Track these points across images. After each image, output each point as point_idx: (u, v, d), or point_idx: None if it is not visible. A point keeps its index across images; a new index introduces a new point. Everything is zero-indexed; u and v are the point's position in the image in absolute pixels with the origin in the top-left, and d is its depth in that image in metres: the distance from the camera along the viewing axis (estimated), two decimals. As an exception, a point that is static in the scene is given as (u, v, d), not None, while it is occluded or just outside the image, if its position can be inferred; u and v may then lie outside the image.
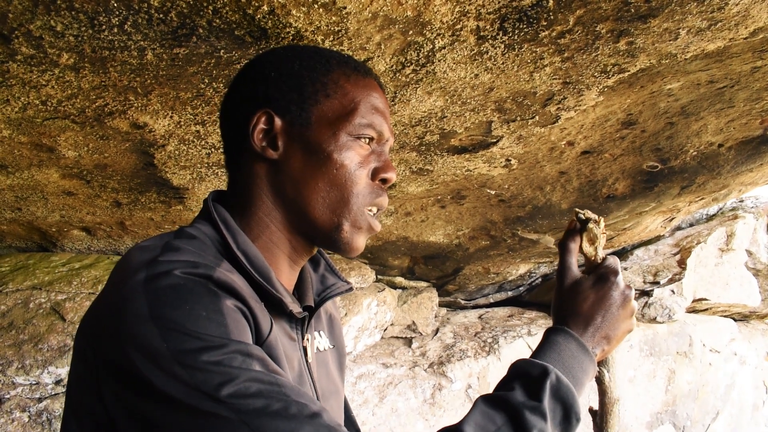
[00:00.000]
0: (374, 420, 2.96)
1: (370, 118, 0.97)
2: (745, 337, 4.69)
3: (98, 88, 1.52)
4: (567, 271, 1.06)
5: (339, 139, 0.95)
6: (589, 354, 0.98)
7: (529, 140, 2.14)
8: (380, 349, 3.34)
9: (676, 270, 3.88)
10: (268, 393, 0.74)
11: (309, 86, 0.96)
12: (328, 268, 1.14)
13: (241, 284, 0.84)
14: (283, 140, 0.96)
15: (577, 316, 1.01)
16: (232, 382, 0.73)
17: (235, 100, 1.00)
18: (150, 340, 0.74)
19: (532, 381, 0.89)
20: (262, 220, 0.97)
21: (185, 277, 0.78)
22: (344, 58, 1.01)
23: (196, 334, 0.75)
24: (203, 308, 0.77)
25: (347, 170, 0.95)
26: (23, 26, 1.26)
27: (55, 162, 1.93)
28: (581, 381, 0.95)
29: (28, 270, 2.61)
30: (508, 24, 1.45)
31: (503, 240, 3.15)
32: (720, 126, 2.32)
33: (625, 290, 1.03)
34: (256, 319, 0.84)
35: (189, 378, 0.73)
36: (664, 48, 1.64)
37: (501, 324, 3.67)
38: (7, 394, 2.27)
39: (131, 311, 0.76)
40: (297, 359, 0.97)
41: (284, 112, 0.96)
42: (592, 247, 1.08)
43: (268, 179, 0.97)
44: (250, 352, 0.77)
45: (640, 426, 3.92)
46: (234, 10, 1.26)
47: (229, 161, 1.02)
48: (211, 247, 0.90)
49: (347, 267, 3.22)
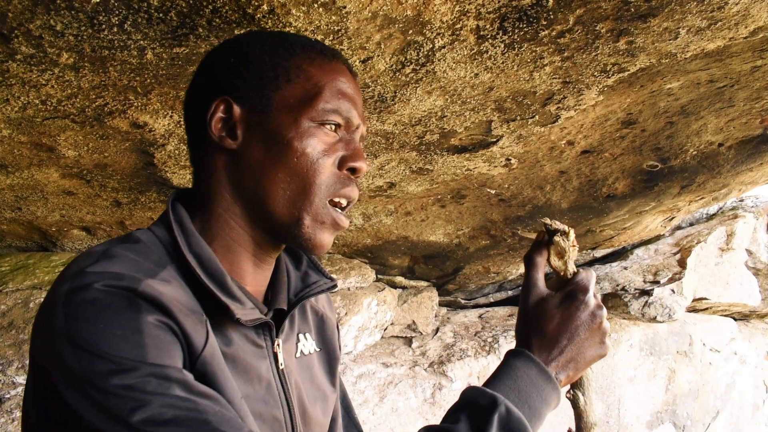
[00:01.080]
0: (374, 419, 2.96)
1: (336, 103, 0.91)
2: (746, 336, 4.69)
3: (98, 87, 1.52)
4: (532, 288, 0.97)
5: (300, 125, 0.88)
6: (552, 381, 0.89)
7: (529, 140, 2.14)
8: (380, 348, 3.34)
9: (677, 269, 3.88)
10: (184, 420, 0.70)
11: (270, 71, 0.90)
12: (310, 264, 1.07)
13: (173, 295, 0.79)
14: (242, 129, 0.90)
15: (541, 337, 0.92)
16: (144, 407, 0.69)
17: (196, 89, 0.95)
18: (65, 359, 0.71)
19: (479, 413, 0.82)
20: (221, 216, 0.92)
21: (105, 290, 0.74)
22: (309, 42, 0.95)
23: (108, 356, 0.71)
24: (119, 326, 0.72)
25: (309, 158, 0.88)
26: (23, 25, 1.26)
27: (55, 161, 1.93)
28: (538, 411, 0.87)
29: (29, 270, 2.61)
30: (507, 23, 1.45)
31: (503, 239, 3.15)
32: (720, 125, 2.32)
33: (594, 310, 0.93)
34: (186, 334, 0.78)
35: (101, 401, 0.70)
36: (664, 47, 1.64)
37: (501, 323, 3.67)
38: (8, 393, 2.27)
39: (52, 325, 0.74)
40: (265, 367, 0.91)
41: (244, 99, 0.90)
42: (561, 261, 0.98)
43: (226, 171, 0.91)
44: (168, 375, 0.72)
45: (640, 425, 3.92)
46: (233, 10, 1.26)
47: (192, 156, 0.97)
48: (158, 251, 0.85)
49: (347, 266, 3.22)
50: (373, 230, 2.93)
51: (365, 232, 2.95)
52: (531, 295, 0.97)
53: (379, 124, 1.88)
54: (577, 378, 0.96)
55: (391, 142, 2.03)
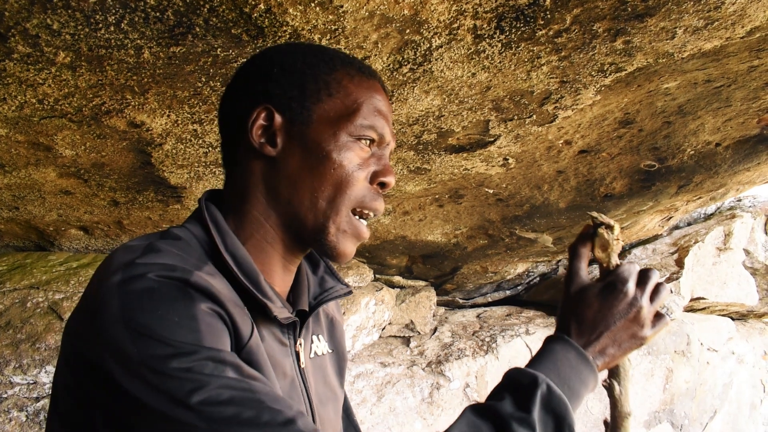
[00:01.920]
0: (372, 419, 2.96)
1: (372, 120, 0.95)
2: (743, 336, 4.70)
3: (95, 86, 1.52)
4: (574, 277, 1.02)
5: (339, 138, 0.92)
6: (589, 364, 0.93)
7: (527, 139, 2.14)
8: (378, 348, 3.34)
9: (674, 269, 3.89)
10: (240, 400, 0.73)
11: (311, 84, 0.94)
12: (327, 270, 1.11)
13: (221, 288, 0.82)
14: (282, 137, 0.94)
15: (580, 324, 0.97)
16: (202, 389, 0.72)
17: (236, 94, 0.98)
18: (122, 345, 0.74)
19: (522, 391, 0.86)
20: (256, 218, 0.95)
21: (160, 281, 0.77)
22: (349, 59, 0.99)
23: (166, 340, 0.73)
24: (176, 313, 0.75)
25: (345, 170, 0.92)
26: (20, 24, 1.25)
27: (52, 161, 1.93)
28: (578, 392, 0.91)
29: (26, 269, 2.60)
30: (505, 23, 1.45)
31: (501, 239, 3.15)
32: (717, 125, 2.32)
33: (633, 300, 0.97)
34: (234, 323, 0.82)
35: (160, 384, 0.72)
36: (660, 47, 1.64)
37: (499, 323, 3.67)
38: (5, 393, 2.27)
39: (105, 314, 0.75)
40: (289, 365, 0.95)
41: (285, 108, 0.94)
42: (604, 253, 1.02)
43: (264, 177, 0.95)
44: (223, 359, 0.76)
45: (638, 425, 3.92)
46: (230, 9, 1.26)
47: (226, 158, 1.00)
48: (197, 248, 0.88)
49: (345, 266, 3.22)
50: (371, 230, 2.93)
51: (363, 232, 2.95)
52: (573, 284, 1.01)
53: (377, 124, 1.88)
54: (614, 365, 1.00)
55: (388, 142, 2.03)
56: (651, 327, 0.98)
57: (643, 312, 0.97)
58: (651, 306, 0.98)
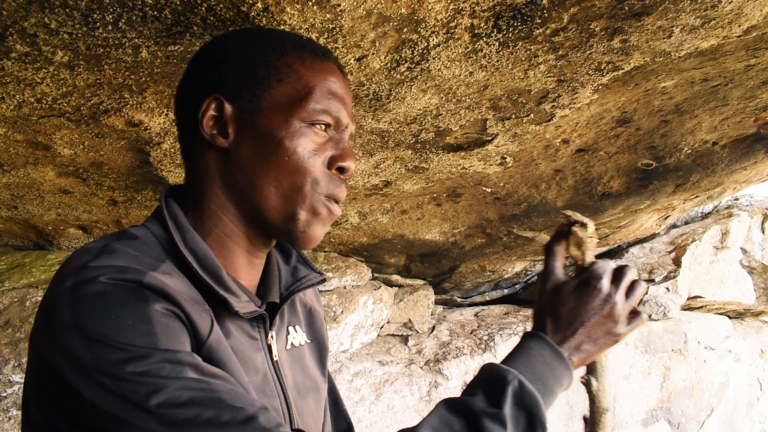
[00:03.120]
0: (370, 417, 2.97)
1: (326, 103, 0.92)
2: (740, 334, 4.71)
3: (93, 85, 1.52)
4: (550, 275, 1.02)
5: (291, 125, 0.90)
6: (564, 361, 0.93)
7: (524, 138, 2.15)
8: (376, 346, 3.34)
9: (671, 268, 3.90)
10: (199, 400, 0.72)
11: (261, 70, 0.91)
12: (300, 259, 1.08)
13: (177, 286, 0.81)
14: (233, 127, 0.91)
15: (555, 320, 0.97)
16: (161, 391, 0.71)
17: (187, 86, 0.96)
18: (76, 352, 0.72)
19: (495, 387, 0.86)
20: (214, 212, 0.93)
21: (112, 283, 0.75)
22: (301, 41, 0.96)
23: (120, 345, 0.72)
24: (129, 317, 0.74)
25: (299, 158, 0.89)
26: (17, 24, 1.26)
27: (50, 160, 1.93)
28: (551, 388, 0.91)
29: (25, 268, 2.61)
30: (502, 22, 1.45)
31: (499, 238, 3.15)
32: (714, 124, 2.33)
33: (607, 297, 0.96)
34: (192, 321, 0.80)
35: (117, 389, 0.71)
36: (658, 46, 1.64)
37: (497, 322, 3.68)
38: (4, 392, 2.27)
39: (59, 320, 0.74)
40: (261, 359, 0.93)
41: (235, 97, 0.91)
42: (579, 251, 1.03)
43: (218, 169, 0.92)
44: (180, 359, 0.74)
45: (635, 423, 3.93)
46: (228, 7, 1.26)
47: (183, 152, 0.98)
48: (155, 246, 0.86)
49: (343, 265, 3.22)
50: (369, 229, 2.94)
51: (361, 231, 2.96)
52: (548, 281, 1.02)
53: (375, 123, 1.88)
54: (590, 361, 1.00)
55: (386, 141, 2.03)
56: (626, 324, 0.98)
57: (618, 308, 0.97)
58: (626, 303, 0.98)
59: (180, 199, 0.95)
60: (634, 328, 0.99)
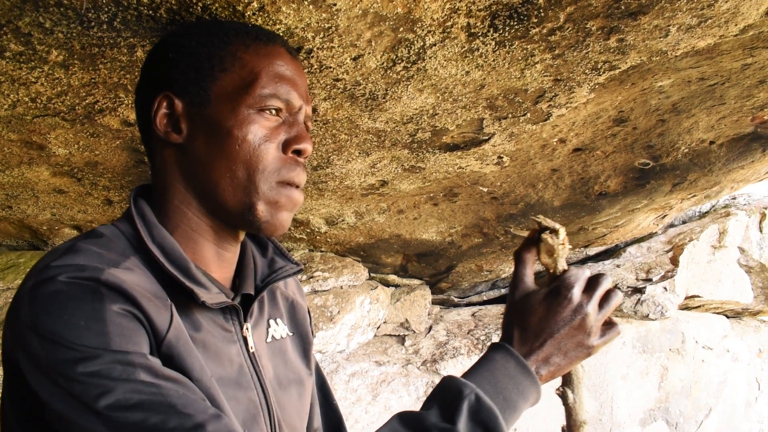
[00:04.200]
0: (367, 418, 2.96)
1: (273, 87, 0.92)
2: (738, 334, 4.71)
3: (88, 85, 1.51)
4: (519, 283, 0.97)
5: (239, 113, 0.90)
6: (530, 374, 0.88)
7: (521, 137, 2.15)
8: (373, 347, 3.34)
9: (669, 267, 3.90)
10: (149, 404, 0.72)
11: (206, 62, 0.92)
12: (276, 251, 1.08)
13: (137, 282, 0.80)
14: (185, 122, 0.92)
15: (522, 331, 0.92)
16: (109, 393, 0.71)
17: (141, 87, 0.96)
18: (33, 350, 0.73)
19: (450, 401, 0.83)
20: (178, 208, 0.93)
21: (69, 282, 0.76)
22: (245, 28, 0.96)
23: (72, 345, 0.73)
24: (83, 316, 0.74)
25: (250, 145, 0.89)
26: (12, 23, 1.25)
27: (45, 160, 1.92)
28: (514, 403, 0.87)
29: (19, 269, 2.60)
30: (498, 21, 1.45)
31: (496, 237, 3.15)
32: (711, 123, 2.33)
33: (578, 307, 0.92)
34: (150, 318, 0.79)
35: (68, 389, 0.71)
36: (654, 45, 1.64)
37: (494, 322, 3.67)
38: None
39: (19, 319, 0.76)
40: (235, 351, 0.93)
41: (183, 93, 0.91)
42: (550, 258, 0.98)
43: (177, 165, 0.93)
44: (132, 361, 0.74)
45: (633, 423, 3.93)
46: (223, 7, 1.26)
47: (146, 150, 0.99)
48: (121, 243, 0.86)
49: (340, 265, 3.22)
50: (365, 228, 2.93)
51: (358, 231, 2.95)
52: (517, 290, 0.97)
53: (371, 122, 1.88)
54: (562, 374, 0.95)
55: (382, 140, 2.03)
56: (599, 336, 0.93)
57: (589, 319, 0.92)
58: (599, 313, 0.93)
59: (148, 197, 0.96)
60: (608, 340, 0.94)
